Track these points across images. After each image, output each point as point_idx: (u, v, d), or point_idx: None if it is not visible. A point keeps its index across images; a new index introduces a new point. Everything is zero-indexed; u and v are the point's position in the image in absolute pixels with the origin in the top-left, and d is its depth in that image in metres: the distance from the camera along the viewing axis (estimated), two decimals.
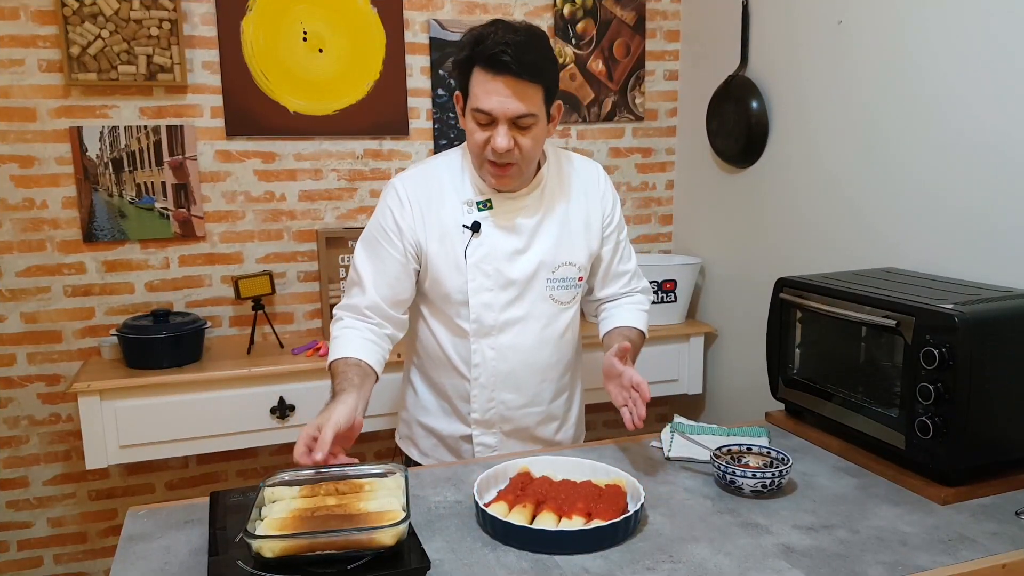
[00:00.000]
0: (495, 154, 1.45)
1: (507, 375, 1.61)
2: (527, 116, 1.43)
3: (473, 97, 1.44)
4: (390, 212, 1.56)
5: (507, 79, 1.40)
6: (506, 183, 1.52)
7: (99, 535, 2.57)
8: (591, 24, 2.78)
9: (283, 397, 2.30)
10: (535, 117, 1.44)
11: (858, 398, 1.57)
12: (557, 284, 1.61)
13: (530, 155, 1.49)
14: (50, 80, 2.29)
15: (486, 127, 1.45)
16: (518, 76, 1.40)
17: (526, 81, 1.41)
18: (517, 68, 1.39)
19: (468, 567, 1.16)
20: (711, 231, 2.78)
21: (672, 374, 2.74)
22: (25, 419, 2.43)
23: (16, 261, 2.34)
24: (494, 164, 1.48)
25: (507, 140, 1.43)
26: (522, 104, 1.41)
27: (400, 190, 1.56)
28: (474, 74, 1.43)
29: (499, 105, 1.41)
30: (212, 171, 2.48)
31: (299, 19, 2.47)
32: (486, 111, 1.42)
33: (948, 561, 1.17)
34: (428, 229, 1.55)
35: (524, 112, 1.42)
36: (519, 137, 1.45)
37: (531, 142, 1.46)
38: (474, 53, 1.42)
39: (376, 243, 1.57)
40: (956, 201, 1.79)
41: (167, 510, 1.37)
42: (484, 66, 1.41)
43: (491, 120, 1.43)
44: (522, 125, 1.44)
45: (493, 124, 1.44)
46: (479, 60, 1.41)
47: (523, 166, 1.50)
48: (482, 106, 1.42)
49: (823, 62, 2.17)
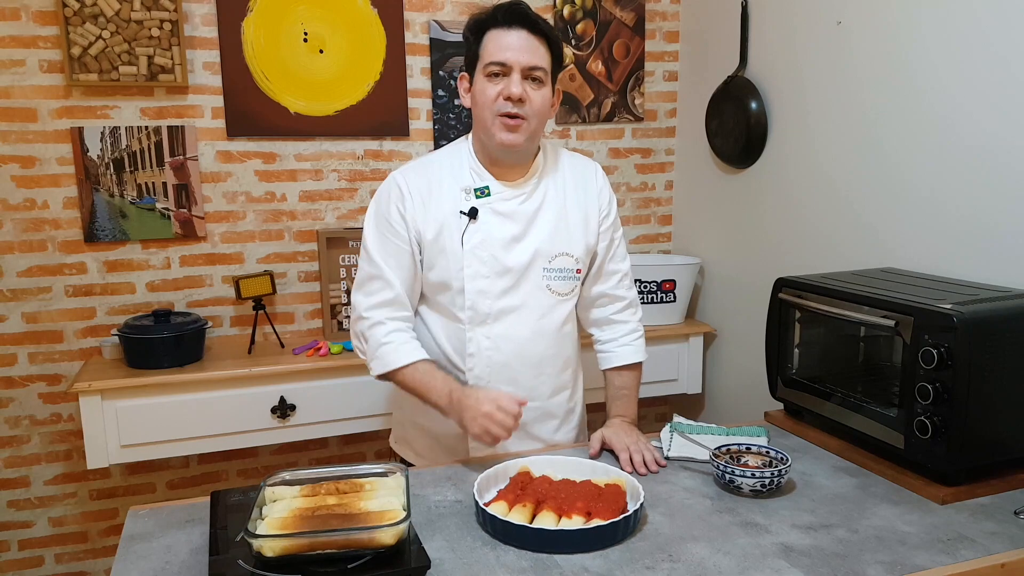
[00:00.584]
0: (508, 104, 1.49)
1: (502, 366, 1.61)
2: (538, 69, 1.51)
3: (487, 54, 1.51)
4: (393, 204, 1.57)
5: (521, 32, 1.49)
6: (516, 139, 1.53)
7: (100, 535, 2.57)
8: (591, 25, 2.78)
9: (284, 397, 2.30)
10: (545, 74, 1.52)
11: (857, 398, 1.57)
12: (554, 274, 1.61)
13: (540, 114, 1.54)
14: (51, 81, 2.30)
15: (499, 81, 1.50)
16: (532, 29, 1.50)
17: (538, 38, 1.50)
18: (532, 20, 1.50)
19: (468, 566, 1.16)
20: (710, 231, 2.79)
21: (671, 374, 2.74)
22: (26, 419, 2.43)
23: (17, 261, 2.35)
24: (507, 117, 1.51)
25: (520, 88, 1.49)
26: (535, 56, 1.50)
27: (401, 182, 1.59)
28: (488, 35, 1.52)
29: (514, 55, 1.49)
30: (213, 171, 2.48)
31: (300, 20, 2.47)
32: (500, 61, 1.49)
33: (947, 561, 1.18)
34: (428, 217, 1.57)
35: (537, 63, 1.50)
36: (531, 91, 1.51)
37: (541, 100, 1.52)
38: (489, 16, 1.52)
39: (384, 238, 1.58)
40: (955, 201, 1.79)
41: (168, 510, 1.37)
42: (500, 22, 1.50)
43: (505, 72, 1.50)
44: (534, 78, 1.51)
45: (507, 76, 1.50)
46: (494, 20, 1.51)
47: (533, 124, 1.53)
48: (496, 58, 1.50)
49: (823, 62, 2.17)
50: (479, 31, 1.52)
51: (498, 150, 1.55)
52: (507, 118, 1.50)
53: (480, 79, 1.52)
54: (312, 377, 2.33)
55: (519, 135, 1.52)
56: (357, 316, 1.60)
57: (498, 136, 1.52)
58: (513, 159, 1.58)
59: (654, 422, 3.13)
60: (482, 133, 1.56)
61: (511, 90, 1.48)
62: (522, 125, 1.51)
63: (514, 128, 1.51)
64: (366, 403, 2.38)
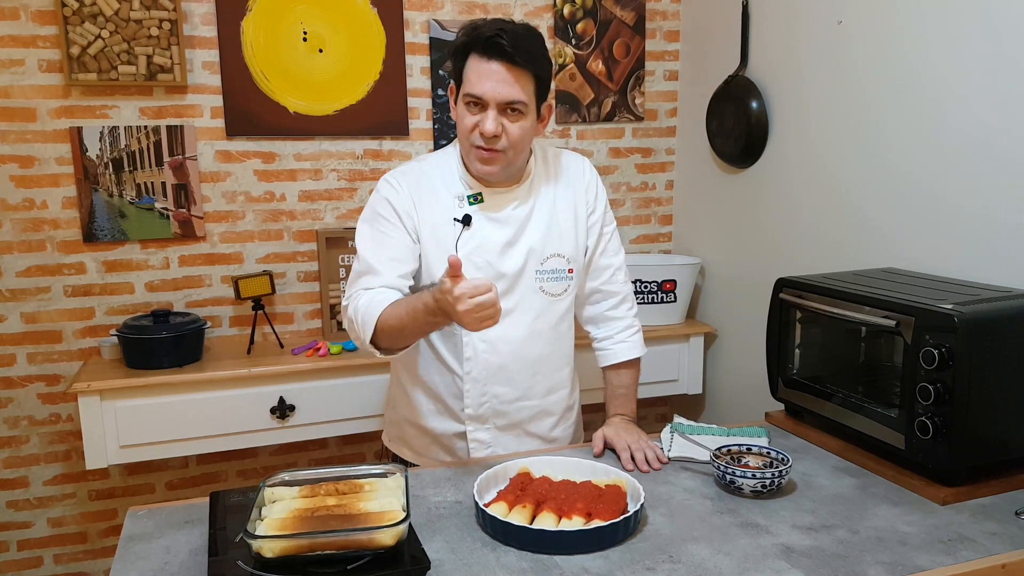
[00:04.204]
0: (482, 139, 1.48)
1: (499, 368, 1.61)
2: (517, 103, 1.46)
3: (467, 83, 1.48)
4: (387, 200, 1.57)
5: (501, 64, 1.44)
6: (492, 170, 1.52)
7: (99, 535, 2.57)
8: (591, 24, 2.78)
9: (283, 397, 2.30)
10: (525, 106, 1.48)
11: (858, 398, 1.57)
12: (547, 276, 1.62)
13: (518, 145, 1.51)
14: (50, 80, 2.29)
15: (476, 112, 1.48)
16: (512, 61, 1.44)
17: (519, 68, 1.45)
18: (511, 52, 1.43)
19: (468, 567, 1.16)
20: (711, 231, 2.78)
21: (672, 374, 2.74)
22: (25, 419, 2.43)
23: (16, 261, 2.34)
24: (481, 149, 1.49)
25: (495, 125, 1.46)
26: (513, 90, 1.45)
27: (394, 182, 1.59)
28: (469, 60, 1.47)
29: (491, 89, 1.44)
30: (212, 171, 2.48)
31: (299, 19, 2.47)
32: (477, 95, 1.46)
33: (948, 561, 1.17)
34: (421, 220, 1.57)
35: (514, 99, 1.46)
36: (508, 124, 1.48)
37: (519, 132, 1.49)
38: (471, 39, 1.46)
39: (379, 231, 1.56)
40: (956, 201, 1.79)
41: (167, 510, 1.37)
42: (479, 51, 1.45)
43: (482, 105, 1.47)
44: (512, 111, 1.47)
45: (483, 109, 1.47)
46: (475, 46, 1.46)
47: (511, 155, 1.51)
48: (474, 91, 1.46)
49: (823, 62, 2.17)
50: (463, 53, 1.49)
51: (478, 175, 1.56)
52: (482, 151, 1.49)
53: (461, 104, 1.50)
54: (311, 377, 2.32)
55: (495, 167, 1.52)
56: (343, 307, 1.55)
57: (474, 167, 1.54)
58: (498, 178, 1.58)
59: (654, 422, 3.13)
60: (463, 155, 1.57)
61: (486, 127, 1.46)
62: (498, 158, 1.50)
63: (489, 161, 1.51)
64: (365, 403, 2.37)
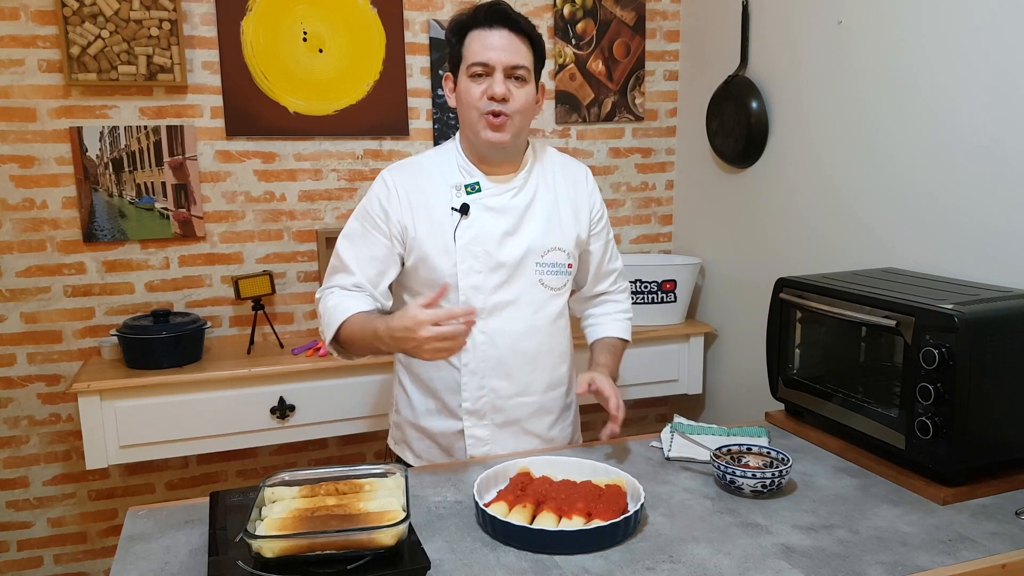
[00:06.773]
0: (493, 103, 1.51)
1: (497, 361, 1.61)
2: (521, 68, 1.52)
3: (471, 54, 1.52)
4: (377, 199, 1.60)
5: (503, 32, 1.51)
6: (502, 137, 1.54)
7: (99, 535, 2.57)
8: (591, 24, 2.78)
9: (283, 397, 2.30)
10: (528, 72, 1.53)
11: (858, 398, 1.57)
12: (547, 269, 1.63)
13: (524, 111, 1.55)
14: (50, 80, 2.29)
15: (482, 80, 1.52)
16: (515, 27, 1.52)
17: (521, 35, 1.52)
18: (515, 18, 1.52)
19: (468, 567, 1.16)
20: (711, 231, 2.78)
21: (672, 374, 2.74)
22: (25, 419, 2.43)
23: (16, 261, 2.34)
24: (491, 115, 1.52)
25: (504, 87, 1.50)
26: (518, 55, 1.52)
27: (388, 180, 1.61)
28: (470, 35, 1.53)
29: (496, 55, 1.50)
30: (212, 171, 2.48)
31: (299, 19, 2.47)
32: (483, 61, 1.50)
33: (948, 561, 1.17)
34: (416, 215, 1.58)
35: (519, 63, 1.52)
36: (514, 89, 1.52)
37: (524, 98, 1.54)
38: (470, 15, 1.53)
39: (361, 229, 1.60)
40: (955, 201, 1.79)
41: (167, 510, 1.37)
42: (482, 23, 1.52)
43: (488, 72, 1.51)
44: (516, 77, 1.52)
45: (489, 76, 1.51)
46: (476, 20, 1.52)
47: (518, 122, 1.55)
48: (479, 58, 1.51)
49: (823, 62, 2.17)
50: (461, 32, 1.54)
51: (486, 148, 1.57)
52: (492, 116, 1.52)
53: (464, 79, 1.54)
54: (311, 377, 2.32)
55: (505, 133, 1.54)
56: (316, 299, 1.62)
57: (484, 135, 1.54)
58: (501, 156, 1.60)
59: (654, 422, 3.13)
60: (469, 132, 1.58)
61: (494, 90, 1.50)
62: (507, 123, 1.53)
63: (499, 127, 1.53)
64: (365, 404, 2.37)
